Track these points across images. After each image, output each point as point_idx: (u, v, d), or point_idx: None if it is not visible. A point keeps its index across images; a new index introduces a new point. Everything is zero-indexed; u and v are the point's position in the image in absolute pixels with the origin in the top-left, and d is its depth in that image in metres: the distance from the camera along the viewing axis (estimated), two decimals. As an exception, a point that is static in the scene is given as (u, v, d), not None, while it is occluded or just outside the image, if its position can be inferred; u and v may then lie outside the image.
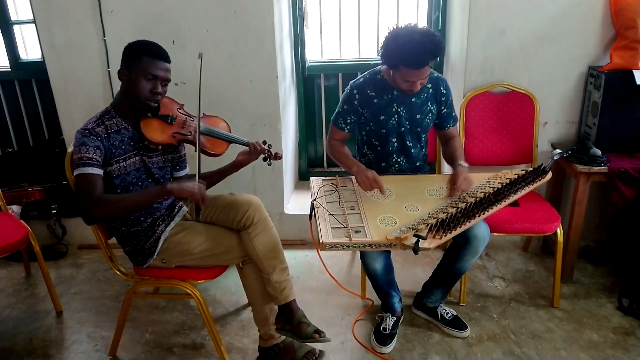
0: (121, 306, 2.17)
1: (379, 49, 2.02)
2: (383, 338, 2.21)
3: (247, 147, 2.14)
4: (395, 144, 2.22)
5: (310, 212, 2.02)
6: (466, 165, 2.12)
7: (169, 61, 1.94)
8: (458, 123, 2.57)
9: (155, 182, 2.03)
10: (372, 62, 3.03)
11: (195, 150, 1.95)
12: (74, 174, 1.80)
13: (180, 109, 2.09)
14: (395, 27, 1.98)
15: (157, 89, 1.90)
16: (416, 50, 1.89)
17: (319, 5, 3.08)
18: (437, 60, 2.07)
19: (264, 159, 2.20)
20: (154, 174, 2.02)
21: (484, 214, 1.91)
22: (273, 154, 2.20)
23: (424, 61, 1.92)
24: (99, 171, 1.82)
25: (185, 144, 2.12)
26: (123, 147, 1.91)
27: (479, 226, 2.04)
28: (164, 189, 1.86)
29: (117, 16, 2.70)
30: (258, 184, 2.96)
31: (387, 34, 1.99)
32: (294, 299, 2.03)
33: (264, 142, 2.17)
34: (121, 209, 1.86)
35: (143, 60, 1.87)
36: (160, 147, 1.99)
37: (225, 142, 2.13)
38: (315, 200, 2.03)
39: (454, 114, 2.27)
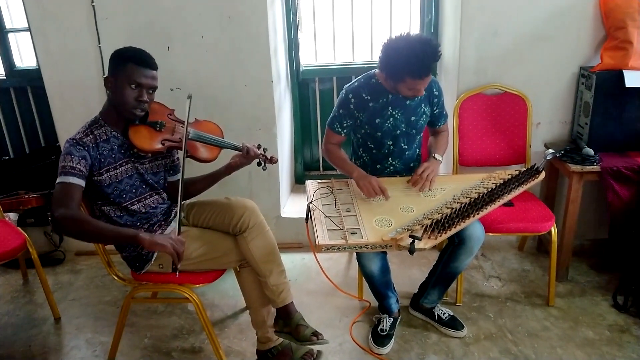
0: (120, 311, 2.18)
1: (379, 63, 2.04)
2: (381, 339, 2.22)
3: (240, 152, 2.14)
4: (391, 146, 2.24)
5: (307, 215, 2.04)
6: (439, 158, 2.19)
7: (155, 68, 1.92)
8: (452, 123, 2.61)
9: (150, 188, 2.04)
10: (366, 65, 3.05)
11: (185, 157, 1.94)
12: (56, 182, 1.79)
13: (170, 114, 2.08)
14: (390, 40, 2.00)
15: (143, 97, 1.88)
16: (420, 61, 1.91)
17: (313, 10, 3.11)
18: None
19: (258, 164, 2.19)
20: (148, 180, 2.02)
21: (478, 214, 1.94)
22: (268, 158, 2.20)
23: (429, 69, 1.96)
24: (80, 182, 1.80)
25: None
26: (113, 155, 1.91)
27: (474, 226, 2.06)
28: (135, 236, 1.74)
29: (111, 23, 2.72)
30: (254, 188, 2.97)
31: (384, 48, 2.01)
32: (292, 302, 2.04)
33: (259, 146, 2.18)
34: (89, 232, 1.76)
35: (128, 67, 1.86)
36: (149, 154, 1.99)
37: (216, 147, 2.13)
38: (311, 203, 2.05)
39: (444, 112, 2.31)
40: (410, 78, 1.97)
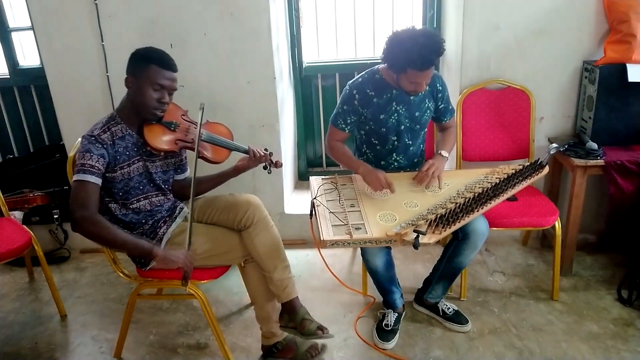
0: (125, 308, 2.18)
1: (382, 54, 2.04)
2: (385, 334, 2.23)
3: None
4: (395, 142, 2.24)
5: (311, 211, 2.04)
6: (446, 155, 2.19)
7: (176, 70, 1.93)
8: (455, 119, 2.58)
9: (156, 188, 2.05)
10: (368, 61, 3.05)
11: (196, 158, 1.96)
12: (73, 178, 1.82)
13: (183, 115, 2.10)
14: (395, 32, 2.00)
15: (165, 98, 1.90)
16: (422, 52, 1.91)
17: (315, 6, 3.10)
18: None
19: (264, 167, 2.21)
20: (156, 179, 2.03)
21: (482, 208, 1.94)
22: (273, 162, 2.21)
23: (431, 62, 1.95)
24: (98, 180, 1.83)
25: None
26: (127, 153, 1.92)
27: (478, 221, 2.06)
28: (151, 250, 1.84)
29: (114, 21, 2.72)
30: (258, 185, 2.97)
31: (388, 39, 2.01)
32: (297, 297, 2.05)
33: (265, 150, 2.19)
34: (105, 238, 1.85)
35: (151, 69, 1.86)
36: (162, 153, 2.01)
37: (226, 149, 2.15)
38: (315, 198, 2.06)
39: (450, 107, 2.30)
40: (412, 69, 1.97)
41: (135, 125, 1.95)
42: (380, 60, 2.10)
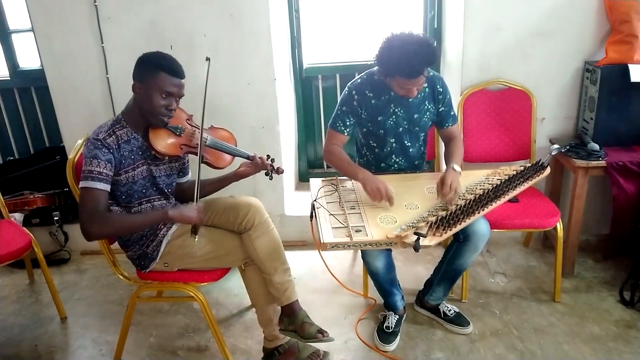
0: (125, 310, 2.18)
1: (374, 58, 2.03)
2: (386, 336, 2.22)
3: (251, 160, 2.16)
4: (394, 144, 2.23)
5: (311, 213, 2.04)
6: (458, 169, 2.09)
7: (184, 77, 1.92)
8: (459, 127, 2.49)
9: (159, 192, 2.04)
10: (369, 62, 3.02)
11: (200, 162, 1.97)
12: (81, 185, 1.80)
13: (188, 120, 2.09)
14: (389, 37, 1.98)
15: (172, 105, 1.90)
16: (411, 61, 1.89)
17: (315, 7, 3.10)
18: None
19: (266, 174, 2.20)
20: (159, 183, 2.02)
21: (483, 210, 1.93)
22: (275, 169, 2.20)
23: (419, 71, 1.93)
24: (106, 187, 1.82)
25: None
26: (132, 157, 1.91)
27: (479, 223, 2.05)
28: (165, 214, 1.86)
29: (114, 23, 2.72)
30: (258, 186, 2.97)
31: (381, 44, 2.00)
32: (297, 300, 2.04)
33: (268, 157, 2.18)
34: (122, 229, 1.90)
35: (160, 76, 1.85)
36: (166, 157, 2.00)
37: (230, 155, 2.15)
38: (315, 200, 2.05)
39: (452, 112, 2.26)
40: (400, 76, 1.96)
41: (141, 129, 1.94)
42: None
